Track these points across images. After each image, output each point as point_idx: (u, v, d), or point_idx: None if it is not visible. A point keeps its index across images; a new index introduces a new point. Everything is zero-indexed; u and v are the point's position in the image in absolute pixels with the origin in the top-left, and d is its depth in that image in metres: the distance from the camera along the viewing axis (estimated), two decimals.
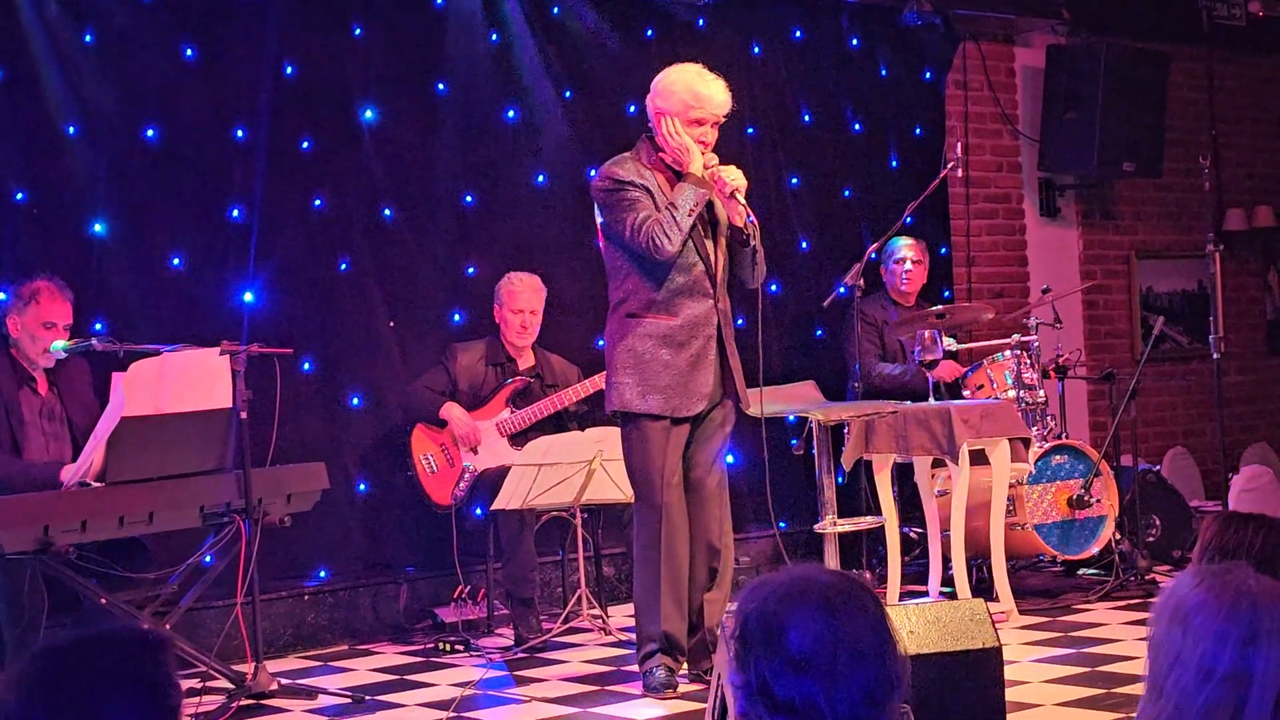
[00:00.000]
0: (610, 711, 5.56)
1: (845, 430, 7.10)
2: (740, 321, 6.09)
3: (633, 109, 8.16)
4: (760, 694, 2.15)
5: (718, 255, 5.85)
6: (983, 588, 7.16)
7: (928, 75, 9.54)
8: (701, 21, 8.65)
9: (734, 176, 5.75)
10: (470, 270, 7.87)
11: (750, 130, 8.69)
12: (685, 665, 5.89)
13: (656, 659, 5.77)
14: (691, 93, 5.80)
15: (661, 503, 5.74)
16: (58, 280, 6.14)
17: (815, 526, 6.33)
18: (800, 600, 2.17)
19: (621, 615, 7.23)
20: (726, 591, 5.87)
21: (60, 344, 6.00)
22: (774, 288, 8.77)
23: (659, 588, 5.75)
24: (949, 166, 7.65)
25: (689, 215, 5.67)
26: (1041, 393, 7.51)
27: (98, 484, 5.58)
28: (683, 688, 5.77)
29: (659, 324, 5.77)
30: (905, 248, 8.39)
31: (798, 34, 9.03)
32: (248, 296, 7.15)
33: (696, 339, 5.77)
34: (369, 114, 7.59)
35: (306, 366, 7.37)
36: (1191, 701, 2.10)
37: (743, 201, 5.73)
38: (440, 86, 7.83)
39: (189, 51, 7.14)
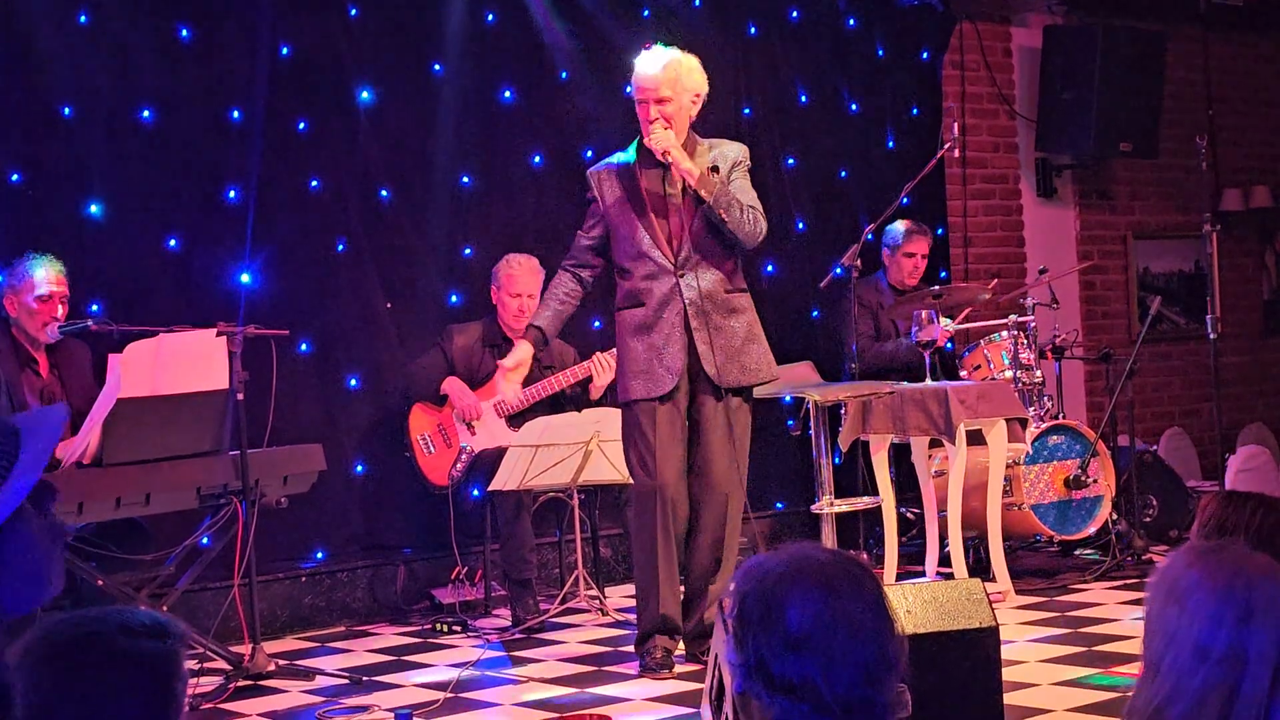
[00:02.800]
0: (608, 692, 5.57)
1: (842, 411, 7.10)
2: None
3: (629, 89, 8.13)
4: (758, 673, 2.15)
5: (681, 225, 5.80)
6: (979, 568, 7.17)
7: (924, 56, 9.53)
8: (698, 2, 8.63)
9: (658, 139, 5.75)
10: (467, 251, 7.87)
11: (746, 111, 8.68)
12: (682, 645, 5.90)
13: (653, 640, 5.79)
14: (634, 73, 5.88)
15: (653, 485, 5.75)
16: (47, 256, 6.14)
17: (812, 507, 6.33)
18: (798, 579, 2.17)
19: (619, 596, 7.24)
20: (727, 584, 5.82)
21: (72, 323, 6.01)
22: (770, 268, 8.77)
23: (655, 570, 5.76)
24: (946, 147, 7.63)
25: None
26: (1038, 373, 7.51)
27: (94, 466, 5.57)
28: (680, 668, 5.78)
29: (634, 315, 5.85)
30: (918, 242, 8.29)
31: (794, 14, 9.01)
32: (244, 278, 7.13)
33: (664, 318, 5.77)
34: (365, 95, 7.58)
35: (303, 348, 7.36)
36: (1188, 681, 2.10)
37: (674, 158, 5.71)
38: (436, 67, 7.81)
39: (184, 32, 7.12)
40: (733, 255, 5.88)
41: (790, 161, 8.94)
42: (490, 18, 7.97)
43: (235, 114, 7.21)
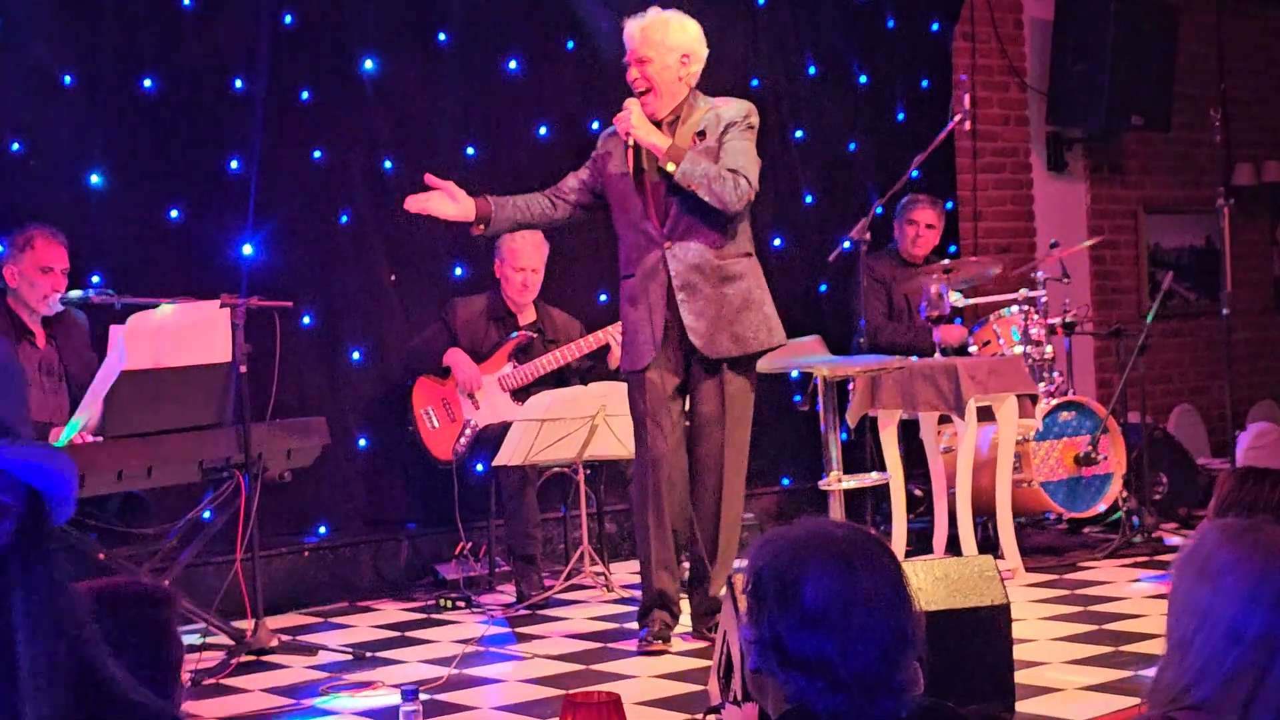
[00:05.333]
0: (612, 668, 5.52)
1: (850, 386, 7.03)
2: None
3: None
4: (773, 649, 2.11)
5: (667, 196, 5.67)
6: (988, 545, 7.11)
7: (935, 27, 9.44)
8: None
9: (621, 117, 5.70)
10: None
11: (755, 82, 8.59)
12: (691, 622, 5.85)
13: (651, 615, 5.77)
14: None
15: (647, 458, 5.73)
16: (50, 226, 6.09)
17: (820, 483, 6.28)
18: (814, 555, 2.12)
19: (624, 572, 7.20)
20: (725, 563, 5.77)
21: (73, 294, 5.95)
22: (778, 241, 8.70)
23: (648, 542, 5.74)
24: (956, 120, 7.55)
25: None
26: (1049, 349, 7.45)
27: (96, 438, 5.52)
28: (688, 645, 5.73)
29: (627, 285, 5.80)
30: (920, 211, 8.21)
31: None
32: (247, 249, 7.08)
33: (649, 290, 5.69)
34: (369, 64, 7.51)
35: (307, 320, 7.31)
36: (1219, 663, 2.05)
37: (637, 137, 5.64)
38: (441, 37, 7.74)
39: (186, 0, 7.05)
40: (728, 220, 5.66)
41: (799, 134, 8.87)
42: None
43: (238, 83, 7.14)
